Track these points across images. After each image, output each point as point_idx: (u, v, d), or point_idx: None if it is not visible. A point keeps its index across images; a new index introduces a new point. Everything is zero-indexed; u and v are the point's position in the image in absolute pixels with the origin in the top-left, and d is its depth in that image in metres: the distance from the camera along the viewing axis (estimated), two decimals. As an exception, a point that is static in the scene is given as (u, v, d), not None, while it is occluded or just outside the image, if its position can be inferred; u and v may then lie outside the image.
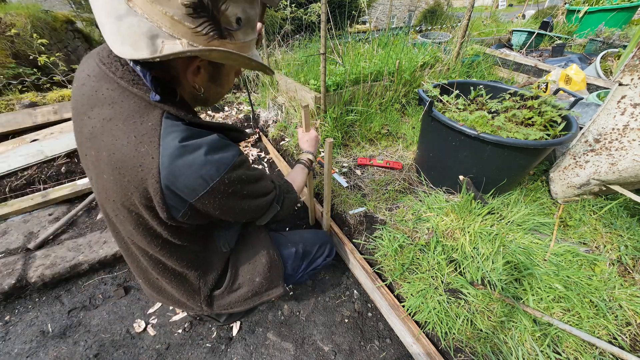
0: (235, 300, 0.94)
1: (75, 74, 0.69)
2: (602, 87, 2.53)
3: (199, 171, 0.58)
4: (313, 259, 1.17)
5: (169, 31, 0.50)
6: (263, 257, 0.98)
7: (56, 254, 1.51)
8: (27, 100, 2.75)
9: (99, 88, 0.61)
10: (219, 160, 0.60)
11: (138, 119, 0.58)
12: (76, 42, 3.80)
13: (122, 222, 0.69)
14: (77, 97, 0.64)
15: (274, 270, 0.99)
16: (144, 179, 0.57)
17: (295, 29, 4.07)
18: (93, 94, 0.61)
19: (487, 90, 1.64)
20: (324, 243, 1.22)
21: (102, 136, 0.59)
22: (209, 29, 0.52)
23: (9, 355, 1.20)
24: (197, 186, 0.59)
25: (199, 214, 0.65)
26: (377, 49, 2.85)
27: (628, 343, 1.03)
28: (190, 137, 0.59)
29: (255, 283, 0.95)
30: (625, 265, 1.25)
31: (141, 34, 0.49)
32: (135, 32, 0.49)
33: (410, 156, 2.00)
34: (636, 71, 1.11)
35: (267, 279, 0.97)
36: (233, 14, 0.53)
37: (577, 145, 1.38)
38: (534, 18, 6.18)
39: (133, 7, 0.48)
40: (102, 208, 0.75)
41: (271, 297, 1.00)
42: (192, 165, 0.57)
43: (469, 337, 1.08)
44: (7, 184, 1.93)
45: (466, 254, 1.26)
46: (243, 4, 0.54)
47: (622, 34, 4.03)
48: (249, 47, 0.62)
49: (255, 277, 0.95)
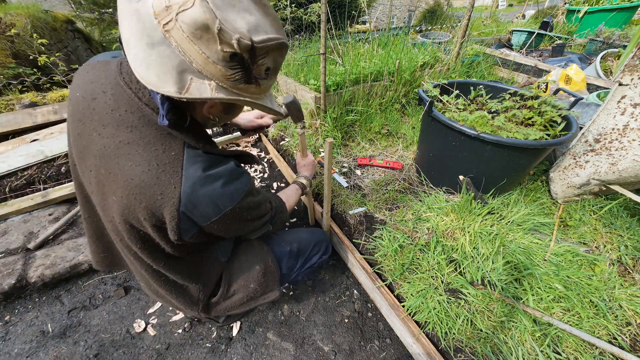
0: (231, 306, 0.95)
1: (78, 78, 0.68)
2: (602, 87, 2.53)
3: (216, 201, 0.63)
4: (308, 258, 1.17)
5: (199, 68, 0.50)
6: (257, 264, 0.98)
7: (56, 254, 1.51)
8: (27, 100, 2.75)
9: (116, 108, 0.61)
10: (233, 192, 0.66)
11: (160, 146, 0.59)
12: (76, 42, 3.80)
13: (122, 237, 0.69)
14: (84, 110, 0.63)
15: (268, 275, 1.00)
16: (162, 205, 0.59)
17: (295, 29, 4.07)
18: (108, 112, 0.61)
19: (487, 90, 1.64)
20: (320, 241, 1.22)
21: (117, 159, 0.59)
22: (240, 77, 0.53)
23: (9, 355, 1.21)
24: (211, 213, 0.63)
25: (205, 235, 0.68)
26: (377, 49, 2.84)
27: (628, 343, 1.03)
28: (211, 167, 0.63)
29: (250, 289, 0.96)
30: (625, 265, 1.25)
31: (171, 66, 0.49)
32: (165, 63, 0.49)
33: (410, 156, 2.00)
34: (636, 71, 1.11)
35: (261, 284, 0.98)
36: (265, 65, 0.56)
37: (577, 145, 1.38)
38: (534, 18, 6.18)
39: (169, 38, 0.47)
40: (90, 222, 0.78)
41: (267, 300, 1.00)
42: (211, 195, 0.62)
43: (469, 337, 1.08)
44: (7, 184, 1.93)
45: (466, 254, 1.26)
46: (275, 54, 0.56)
47: (622, 34, 4.03)
48: (268, 89, 0.65)
49: (249, 284, 0.96)
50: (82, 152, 0.65)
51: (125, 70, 0.62)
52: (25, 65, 3.03)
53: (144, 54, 0.48)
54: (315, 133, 2.21)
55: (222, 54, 0.48)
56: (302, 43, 3.53)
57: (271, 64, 0.57)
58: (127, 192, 0.59)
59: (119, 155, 0.59)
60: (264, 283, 0.98)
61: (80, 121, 0.64)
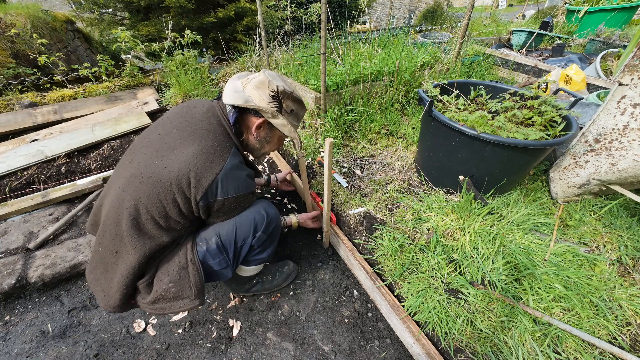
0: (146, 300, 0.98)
1: (180, 104, 1.14)
2: (602, 87, 2.53)
3: (237, 183, 0.99)
4: (241, 245, 1.08)
5: (256, 101, 1.04)
6: (177, 257, 0.99)
7: (56, 254, 1.51)
8: (27, 100, 2.75)
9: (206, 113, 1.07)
10: (248, 184, 1.04)
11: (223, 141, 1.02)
12: (76, 42, 3.80)
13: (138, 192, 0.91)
14: (181, 110, 1.09)
15: (183, 277, 0.97)
16: (209, 168, 0.92)
17: (295, 29, 4.07)
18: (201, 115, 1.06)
19: (487, 90, 1.64)
20: (247, 221, 1.08)
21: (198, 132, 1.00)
22: (276, 107, 1.06)
23: (9, 355, 1.20)
24: (230, 191, 0.97)
25: (206, 212, 0.98)
26: (377, 49, 2.85)
27: (628, 343, 1.03)
28: (241, 165, 1.03)
29: (163, 284, 0.96)
30: (625, 265, 1.25)
31: (242, 97, 1.03)
32: (239, 96, 1.03)
33: (410, 156, 2.00)
34: (636, 71, 1.11)
35: (175, 283, 0.97)
36: (289, 106, 1.10)
37: (577, 145, 1.38)
38: (534, 18, 6.18)
39: (244, 89, 1.04)
40: None
41: (183, 307, 0.98)
42: (238, 177, 0.99)
43: (469, 337, 1.08)
44: (7, 184, 1.94)
45: (466, 254, 1.26)
46: (295, 101, 1.11)
47: (622, 34, 4.03)
48: (295, 128, 1.13)
49: (164, 276, 0.97)
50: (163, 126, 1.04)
51: (216, 106, 1.08)
52: (25, 65, 3.03)
53: (232, 94, 1.04)
54: (315, 133, 2.21)
55: (269, 94, 1.03)
56: (302, 43, 3.53)
57: (293, 107, 1.11)
58: (195, 149, 0.92)
59: (199, 133, 0.98)
60: (179, 283, 0.96)
61: (178, 113, 1.07)
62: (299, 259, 1.62)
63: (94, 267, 1.00)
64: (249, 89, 1.03)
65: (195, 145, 0.93)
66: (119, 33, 2.81)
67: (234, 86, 1.04)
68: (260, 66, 3.14)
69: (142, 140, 1.04)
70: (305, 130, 2.32)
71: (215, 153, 0.94)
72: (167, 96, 2.94)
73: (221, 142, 0.99)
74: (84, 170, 2.13)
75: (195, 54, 3.04)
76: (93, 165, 2.16)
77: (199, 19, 3.72)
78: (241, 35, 4.00)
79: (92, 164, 2.17)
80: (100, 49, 4.20)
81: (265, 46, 2.81)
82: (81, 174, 2.12)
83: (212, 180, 0.91)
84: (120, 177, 0.98)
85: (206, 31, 3.86)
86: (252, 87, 1.03)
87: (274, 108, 1.04)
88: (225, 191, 0.95)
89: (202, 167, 0.90)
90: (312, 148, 2.13)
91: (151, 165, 0.92)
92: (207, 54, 4.12)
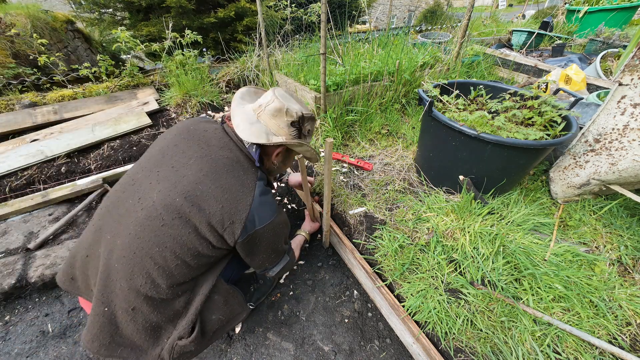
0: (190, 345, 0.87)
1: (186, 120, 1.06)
2: (602, 87, 2.53)
3: (269, 207, 0.93)
4: None
5: (274, 131, 0.99)
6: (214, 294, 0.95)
7: (56, 254, 1.51)
8: (27, 100, 2.75)
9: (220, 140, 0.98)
10: (275, 206, 0.98)
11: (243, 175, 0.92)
12: (76, 42, 3.80)
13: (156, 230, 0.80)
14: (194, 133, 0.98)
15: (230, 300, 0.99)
16: (240, 205, 0.85)
17: (295, 29, 4.07)
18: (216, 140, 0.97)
19: (487, 90, 1.64)
20: None
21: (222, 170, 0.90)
22: (296, 133, 1.02)
23: (9, 355, 1.20)
24: (266, 216, 0.91)
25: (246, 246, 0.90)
26: (377, 49, 2.85)
27: (628, 343, 1.03)
28: (266, 187, 0.97)
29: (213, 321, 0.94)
30: (625, 265, 1.25)
31: (262, 132, 0.96)
32: (259, 130, 0.97)
33: (410, 156, 2.00)
34: (636, 71, 1.11)
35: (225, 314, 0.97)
36: (307, 129, 1.07)
37: (577, 145, 1.38)
38: (534, 18, 6.18)
39: (259, 119, 0.99)
40: None
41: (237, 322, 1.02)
42: (267, 203, 0.93)
43: (469, 337, 1.08)
44: (7, 184, 1.94)
45: (466, 254, 1.26)
46: (312, 123, 1.09)
47: (622, 34, 4.02)
48: (309, 144, 1.08)
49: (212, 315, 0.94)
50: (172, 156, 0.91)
51: (227, 130, 1.00)
52: (25, 65, 3.03)
53: (248, 128, 0.96)
54: (315, 133, 2.21)
55: (288, 121, 0.98)
56: (302, 43, 3.53)
57: (310, 128, 1.09)
58: (220, 191, 0.83)
59: (222, 163, 0.89)
60: (227, 310, 0.98)
61: (186, 138, 0.95)
62: (298, 259, 1.62)
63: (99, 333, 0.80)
64: (265, 119, 0.96)
65: (223, 178, 0.85)
66: (118, 33, 2.81)
67: (247, 117, 0.97)
68: (260, 66, 3.14)
69: (148, 172, 0.89)
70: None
71: (244, 184, 0.88)
72: (167, 96, 2.94)
73: (246, 170, 0.92)
74: (84, 170, 2.14)
75: (195, 54, 3.04)
76: (93, 165, 2.16)
77: (199, 19, 3.72)
78: (241, 35, 4.00)
79: (92, 164, 2.17)
80: (100, 49, 4.20)
81: (266, 46, 2.81)
82: (81, 174, 2.12)
83: (247, 213, 0.84)
84: (124, 218, 0.83)
85: (206, 31, 3.86)
86: (268, 116, 0.96)
87: (293, 135, 1.00)
88: (262, 219, 0.89)
89: (235, 201, 0.84)
90: (312, 148, 2.13)
91: (172, 204, 0.79)
92: (207, 54, 4.12)
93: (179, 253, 0.80)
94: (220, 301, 0.95)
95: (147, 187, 0.85)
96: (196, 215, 0.80)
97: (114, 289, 0.79)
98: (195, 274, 0.88)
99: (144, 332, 0.81)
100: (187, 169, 0.85)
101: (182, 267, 0.82)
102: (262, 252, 0.97)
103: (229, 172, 0.87)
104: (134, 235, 0.79)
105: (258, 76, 3.13)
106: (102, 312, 0.80)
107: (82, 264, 0.88)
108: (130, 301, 0.78)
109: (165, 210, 0.79)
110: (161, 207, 0.80)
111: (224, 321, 0.97)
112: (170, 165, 0.87)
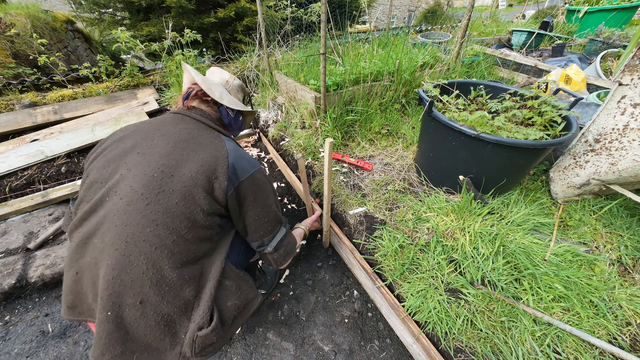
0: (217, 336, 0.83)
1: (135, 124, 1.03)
2: (602, 87, 2.53)
3: (247, 159, 0.97)
4: None
5: (236, 99, 1.26)
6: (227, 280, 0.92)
7: (56, 254, 1.51)
8: (27, 100, 2.75)
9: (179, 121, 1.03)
10: (252, 164, 0.98)
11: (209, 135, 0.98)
12: (76, 42, 3.80)
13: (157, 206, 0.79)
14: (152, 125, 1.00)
15: (243, 285, 0.96)
16: (218, 160, 0.88)
17: (295, 29, 4.07)
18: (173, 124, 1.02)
19: (487, 90, 1.64)
20: None
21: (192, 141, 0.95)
22: (248, 101, 1.43)
23: (9, 355, 1.20)
24: (247, 167, 0.94)
25: (237, 200, 0.91)
26: (377, 49, 2.84)
27: (628, 343, 1.03)
28: (239, 146, 1.04)
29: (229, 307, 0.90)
30: (625, 265, 1.25)
31: (237, 101, 1.21)
32: (235, 100, 1.20)
33: (410, 156, 2.00)
34: (636, 71, 1.11)
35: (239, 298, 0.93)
36: (247, 100, 1.43)
37: (577, 145, 1.38)
38: (534, 18, 6.18)
39: (230, 92, 1.23)
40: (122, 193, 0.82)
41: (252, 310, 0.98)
42: (244, 154, 0.98)
43: (469, 337, 1.08)
44: (7, 184, 1.94)
45: (466, 254, 1.26)
46: (249, 96, 1.43)
47: (622, 34, 4.02)
48: (254, 113, 1.36)
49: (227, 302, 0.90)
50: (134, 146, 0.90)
51: (174, 110, 1.08)
52: (25, 65, 3.03)
53: (231, 99, 1.18)
54: (315, 133, 2.21)
55: (244, 95, 1.36)
56: (302, 43, 3.53)
57: (249, 99, 1.45)
58: (194, 154, 0.87)
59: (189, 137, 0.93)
60: (241, 296, 0.94)
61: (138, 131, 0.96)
62: (298, 259, 1.62)
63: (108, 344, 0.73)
64: (234, 93, 1.29)
65: (191, 144, 0.91)
66: (118, 33, 2.81)
67: (224, 91, 1.18)
68: (260, 66, 3.14)
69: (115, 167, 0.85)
70: (305, 130, 2.32)
71: (213, 142, 0.94)
72: (167, 96, 2.94)
73: (210, 132, 1.00)
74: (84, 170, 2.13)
75: (195, 53, 3.04)
76: (93, 165, 2.16)
77: (199, 19, 3.72)
78: (241, 35, 4.00)
79: (92, 164, 2.17)
80: (100, 49, 4.20)
81: (265, 46, 2.81)
82: (81, 174, 2.11)
83: (227, 165, 0.88)
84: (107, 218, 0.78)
85: (206, 31, 3.86)
86: (234, 91, 1.29)
87: (247, 102, 1.43)
88: (244, 169, 0.92)
89: (211, 158, 0.88)
90: (312, 148, 2.13)
91: (151, 181, 0.80)
92: (207, 54, 4.12)
93: (172, 227, 0.77)
94: (233, 286, 0.92)
95: (119, 178, 0.82)
96: (179, 183, 0.81)
97: (114, 288, 0.72)
98: (197, 253, 0.83)
99: (157, 328, 0.75)
100: (153, 148, 0.87)
101: (179, 243, 0.78)
102: (253, 208, 0.95)
103: (194, 137, 0.93)
104: (121, 225, 0.75)
105: (258, 76, 3.13)
106: (106, 318, 0.72)
107: (75, 283, 0.80)
108: (136, 294, 0.73)
109: (146, 189, 0.78)
110: (141, 187, 0.78)
111: (241, 307, 0.92)
112: (135, 152, 0.87)
